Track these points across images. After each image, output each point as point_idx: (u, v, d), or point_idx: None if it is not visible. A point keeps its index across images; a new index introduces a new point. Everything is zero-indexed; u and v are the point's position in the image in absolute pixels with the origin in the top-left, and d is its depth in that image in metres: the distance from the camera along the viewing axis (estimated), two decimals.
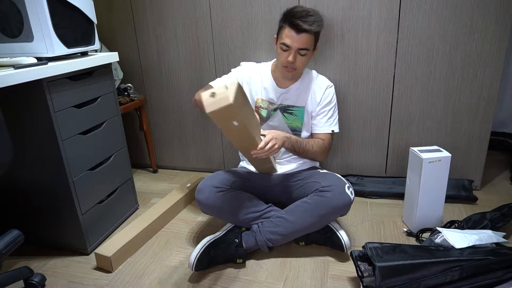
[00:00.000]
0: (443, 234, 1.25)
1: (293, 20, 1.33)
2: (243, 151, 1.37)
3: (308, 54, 1.39)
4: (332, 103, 1.52)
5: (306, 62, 1.43)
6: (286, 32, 1.35)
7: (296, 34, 1.33)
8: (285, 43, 1.35)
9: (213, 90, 1.07)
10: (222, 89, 1.06)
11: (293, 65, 1.39)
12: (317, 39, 1.41)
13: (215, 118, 1.10)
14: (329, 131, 1.51)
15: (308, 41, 1.36)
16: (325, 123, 1.51)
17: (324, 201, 1.31)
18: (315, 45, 1.42)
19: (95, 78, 1.45)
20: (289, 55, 1.36)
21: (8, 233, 1.10)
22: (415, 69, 1.64)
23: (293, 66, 1.39)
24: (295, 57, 1.36)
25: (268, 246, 1.35)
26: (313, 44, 1.39)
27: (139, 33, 1.95)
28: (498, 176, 1.92)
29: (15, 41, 1.26)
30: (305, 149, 1.44)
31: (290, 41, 1.34)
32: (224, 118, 1.10)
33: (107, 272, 1.34)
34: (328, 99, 1.51)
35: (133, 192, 1.74)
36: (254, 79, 1.55)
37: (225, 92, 1.05)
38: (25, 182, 1.38)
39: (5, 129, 1.00)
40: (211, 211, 1.42)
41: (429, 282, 1.08)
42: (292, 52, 1.35)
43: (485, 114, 1.64)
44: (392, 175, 1.84)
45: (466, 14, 1.52)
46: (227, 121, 1.12)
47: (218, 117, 1.09)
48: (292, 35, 1.34)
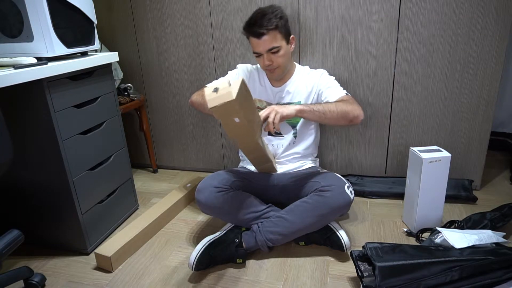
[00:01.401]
0: (443, 234, 1.25)
1: (249, 29, 1.39)
2: (244, 148, 1.37)
3: (282, 49, 1.41)
4: (331, 78, 1.54)
5: (286, 57, 1.45)
6: (251, 41, 1.42)
7: (258, 39, 1.38)
8: (255, 51, 1.43)
9: (217, 85, 1.06)
10: (225, 84, 1.06)
11: (271, 66, 1.44)
12: (284, 30, 1.41)
13: (217, 114, 1.10)
14: (342, 93, 1.45)
15: (273, 39, 1.38)
16: (334, 91, 1.46)
17: (324, 201, 1.31)
18: (286, 36, 1.43)
19: (95, 78, 1.45)
20: (264, 60, 1.42)
21: (8, 233, 1.10)
22: (415, 69, 1.64)
23: (272, 67, 1.44)
24: (269, 59, 1.42)
25: (268, 246, 1.35)
26: (282, 38, 1.40)
27: (139, 33, 1.95)
28: (498, 176, 1.92)
29: (15, 41, 1.26)
30: (326, 108, 1.33)
31: (257, 48, 1.40)
32: (226, 114, 1.10)
33: (107, 272, 1.34)
34: (327, 78, 1.53)
35: (133, 192, 1.74)
36: (250, 80, 1.58)
37: (228, 88, 1.04)
38: (25, 182, 1.38)
39: (5, 129, 1.00)
40: (211, 211, 1.42)
41: (429, 282, 1.07)
42: (264, 56, 1.41)
43: (485, 114, 1.64)
44: (392, 175, 1.84)
45: (466, 14, 1.52)
46: (228, 117, 1.11)
47: (219, 113, 1.09)
48: (257, 42, 1.39)
